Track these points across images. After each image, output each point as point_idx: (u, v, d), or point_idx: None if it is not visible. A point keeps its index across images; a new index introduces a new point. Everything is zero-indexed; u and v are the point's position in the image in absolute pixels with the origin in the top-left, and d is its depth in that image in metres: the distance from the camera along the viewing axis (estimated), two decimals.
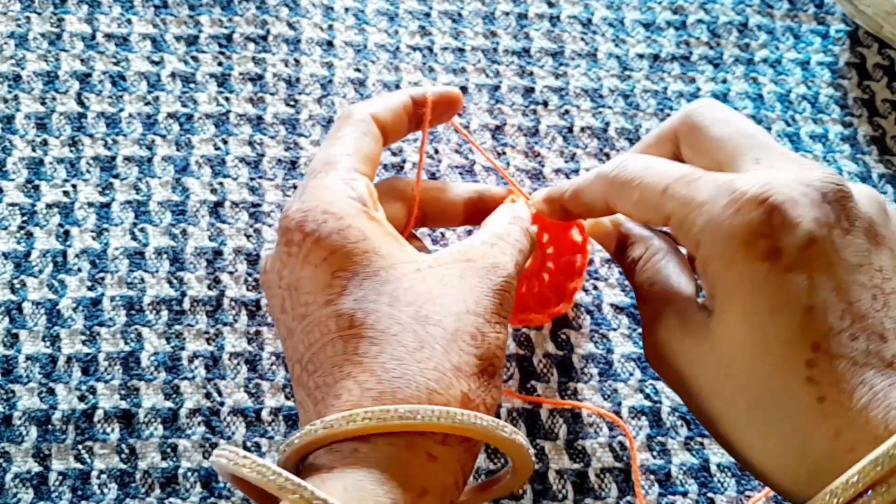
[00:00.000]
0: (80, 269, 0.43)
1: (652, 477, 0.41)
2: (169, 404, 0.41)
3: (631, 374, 0.43)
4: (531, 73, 0.50)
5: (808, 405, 0.25)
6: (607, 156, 0.49)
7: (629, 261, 0.33)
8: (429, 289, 0.29)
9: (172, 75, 0.48)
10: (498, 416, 0.42)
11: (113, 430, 0.40)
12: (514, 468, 0.31)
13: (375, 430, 0.26)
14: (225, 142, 0.47)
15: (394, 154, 0.47)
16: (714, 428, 0.29)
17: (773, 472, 0.27)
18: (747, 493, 0.41)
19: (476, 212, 0.37)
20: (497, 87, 0.50)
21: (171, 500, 0.39)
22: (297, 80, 0.49)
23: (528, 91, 0.50)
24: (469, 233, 0.45)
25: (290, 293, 0.30)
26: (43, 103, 0.47)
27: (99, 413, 0.40)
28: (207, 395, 0.41)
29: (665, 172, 0.29)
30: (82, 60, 0.48)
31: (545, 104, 0.49)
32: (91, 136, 0.46)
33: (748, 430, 0.27)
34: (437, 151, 0.47)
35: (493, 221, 0.35)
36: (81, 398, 0.41)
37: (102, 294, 0.43)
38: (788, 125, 0.50)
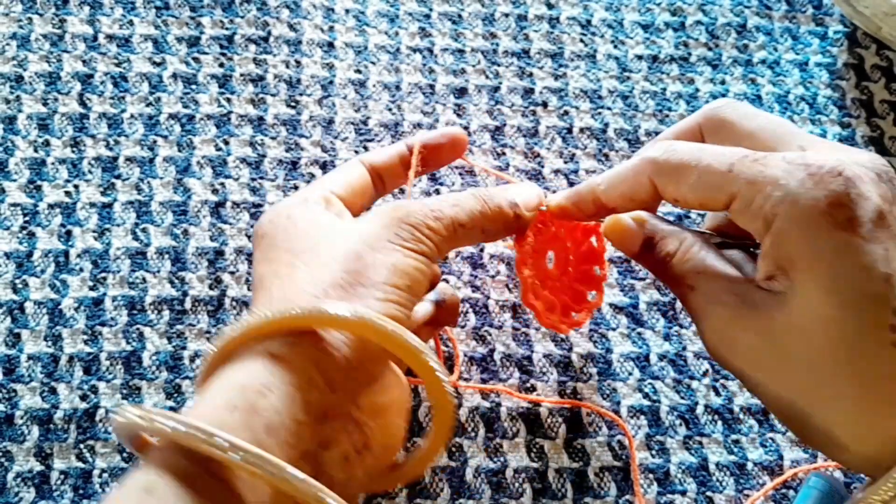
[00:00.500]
0: (81, 269, 0.43)
1: (651, 476, 0.41)
2: (171, 404, 0.41)
3: (630, 374, 0.43)
4: (531, 75, 0.51)
5: (894, 366, 0.26)
6: (606, 157, 0.49)
7: (662, 255, 0.33)
8: (326, 237, 0.32)
9: (174, 76, 0.48)
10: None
11: None
12: (431, 402, 0.31)
13: (225, 346, 0.28)
14: (226, 142, 0.47)
15: None
16: (787, 406, 0.29)
17: (853, 439, 0.27)
18: (746, 491, 0.41)
19: None
20: (497, 89, 0.50)
21: None
22: (298, 81, 0.49)
23: (528, 92, 0.50)
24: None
25: (254, 287, 0.33)
26: (45, 104, 0.47)
27: (101, 412, 0.40)
28: None
29: (725, 153, 0.29)
30: (84, 61, 0.48)
31: (545, 105, 0.50)
32: (93, 136, 0.46)
33: (830, 399, 0.27)
34: None
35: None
36: (83, 397, 0.41)
37: (104, 294, 0.43)
38: None
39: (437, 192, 0.47)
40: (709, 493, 0.41)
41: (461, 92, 0.50)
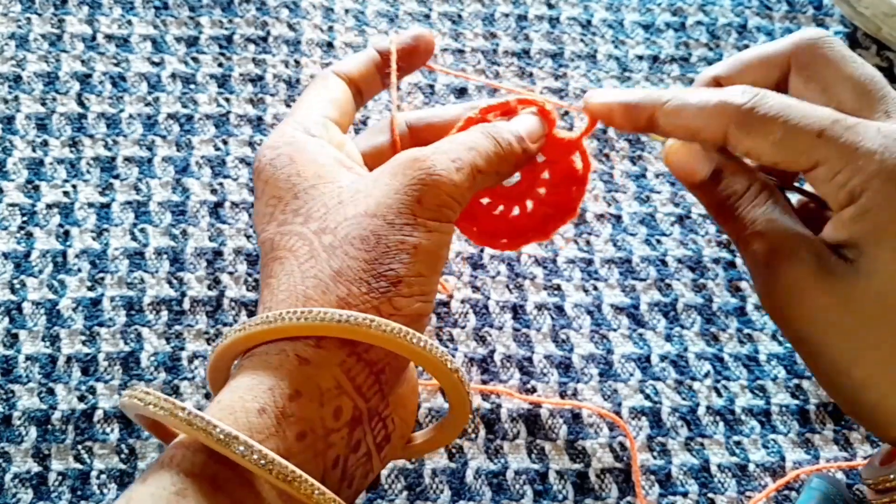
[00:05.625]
0: (80, 270, 0.43)
1: (652, 477, 0.41)
2: None
3: (631, 375, 0.43)
4: (531, 75, 0.50)
5: None
6: (607, 156, 0.49)
7: (728, 192, 0.30)
8: (340, 200, 0.29)
9: (173, 76, 0.48)
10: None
11: (112, 431, 0.40)
12: (450, 403, 0.30)
13: (247, 341, 0.27)
14: (225, 142, 0.47)
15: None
16: (842, 374, 0.28)
17: None
18: (748, 493, 0.41)
19: None
20: (497, 88, 0.50)
21: None
22: (298, 81, 0.49)
23: (528, 91, 0.50)
24: None
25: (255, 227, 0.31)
26: (43, 104, 0.47)
27: (98, 413, 0.40)
28: (207, 396, 0.41)
29: (815, 114, 0.27)
30: (83, 61, 0.48)
31: None
32: (91, 136, 0.46)
33: (892, 377, 0.27)
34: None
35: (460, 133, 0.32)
36: (81, 398, 0.40)
37: (102, 294, 0.43)
38: None
39: None
40: (710, 495, 0.41)
41: (461, 92, 0.49)
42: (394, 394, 0.29)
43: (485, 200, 0.36)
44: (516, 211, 0.36)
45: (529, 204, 0.36)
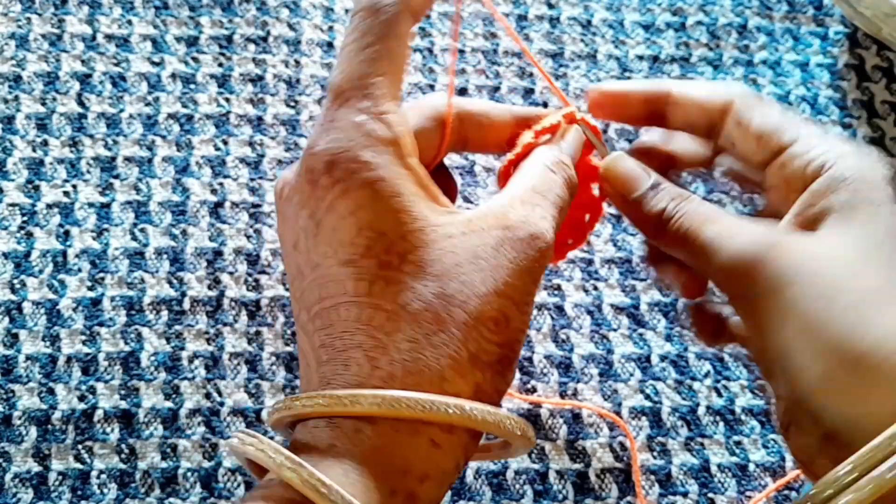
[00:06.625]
0: (80, 270, 0.43)
1: (652, 477, 0.41)
2: (169, 404, 0.41)
3: (631, 375, 0.43)
4: (531, 75, 0.50)
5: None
6: None
7: (659, 207, 0.31)
8: (458, 261, 0.27)
9: (173, 76, 0.48)
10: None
11: (113, 430, 0.40)
12: (512, 449, 0.31)
13: (381, 415, 0.25)
14: (225, 142, 0.47)
15: None
16: (775, 357, 0.28)
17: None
18: (748, 493, 0.41)
19: None
20: (497, 89, 0.50)
21: (171, 500, 0.39)
22: (298, 80, 0.49)
23: (528, 92, 0.50)
24: None
25: (309, 236, 0.28)
26: (43, 104, 0.47)
27: (99, 413, 0.40)
28: (207, 396, 0.41)
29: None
30: (83, 61, 0.48)
31: (545, 105, 0.50)
32: (91, 136, 0.46)
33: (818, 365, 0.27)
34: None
35: (530, 170, 0.31)
36: (81, 398, 0.41)
37: (102, 294, 0.43)
38: None
39: None
40: (710, 495, 0.41)
41: (461, 92, 0.49)
42: None
43: None
44: None
45: None
